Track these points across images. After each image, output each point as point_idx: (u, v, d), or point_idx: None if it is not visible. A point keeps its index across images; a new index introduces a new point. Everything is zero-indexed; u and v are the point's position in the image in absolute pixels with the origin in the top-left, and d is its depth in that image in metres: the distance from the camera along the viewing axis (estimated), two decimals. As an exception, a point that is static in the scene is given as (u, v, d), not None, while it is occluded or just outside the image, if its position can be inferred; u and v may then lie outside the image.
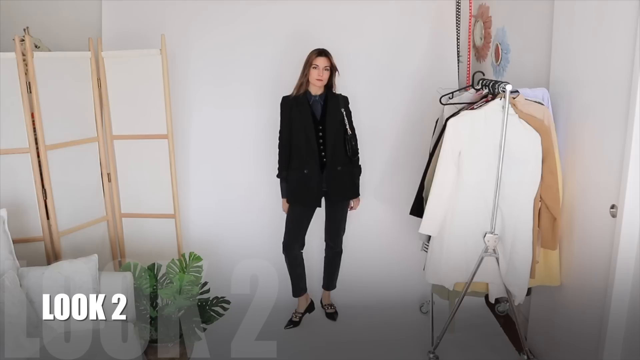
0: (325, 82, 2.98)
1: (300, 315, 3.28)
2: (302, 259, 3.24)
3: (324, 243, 3.29)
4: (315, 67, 2.94)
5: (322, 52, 2.95)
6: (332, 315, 3.31)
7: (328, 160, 3.02)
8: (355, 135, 3.08)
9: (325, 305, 3.38)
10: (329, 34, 3.35)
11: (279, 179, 3.13)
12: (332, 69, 3.00)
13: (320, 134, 3.03)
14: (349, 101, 3.11)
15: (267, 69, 3.46)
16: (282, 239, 3.18)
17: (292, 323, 3.25)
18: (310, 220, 3.16)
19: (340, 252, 3.31)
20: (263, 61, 3.46)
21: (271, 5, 3.43)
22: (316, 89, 3.03)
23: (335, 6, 3.44)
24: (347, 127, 3.05)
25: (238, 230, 3.60)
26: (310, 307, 3.33)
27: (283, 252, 3.19)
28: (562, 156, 2.46)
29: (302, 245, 3.22)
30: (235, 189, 3.58)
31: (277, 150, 3.10)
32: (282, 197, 3.15)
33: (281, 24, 3.44)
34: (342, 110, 3.05)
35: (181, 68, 3.44)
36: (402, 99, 3.51)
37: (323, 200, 3.11)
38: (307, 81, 2.98)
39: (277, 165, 3.11)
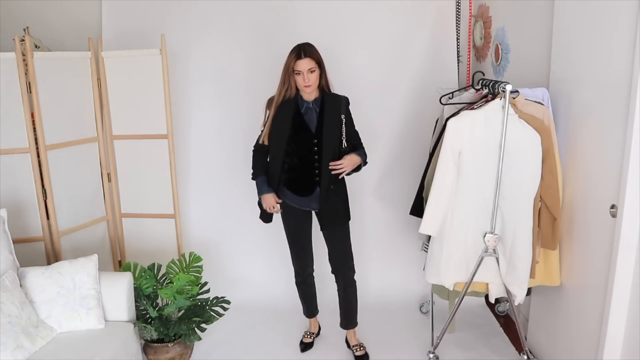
0: (315, 85, 2.52)
1: (313, 335, 3.07)
2: (313, 282, 2.96)
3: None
4: (298, 73, 2.48)
5: (301, 53, 2.46)
6: (363, 358, 2.87)
7: (322, 180, 2.59)
8: (358, 137, 2.73)
9: (352, 346, 2.93)
10: (329, 34, 3.35)
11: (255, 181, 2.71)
12: (320, 67, 2.52)
13: (316, 148, 2.57)
14: (349, 102, 2.70)
15: (267, 69, 3.46)
16: (282, 239, 3.17)
17: (305, 345, 3.02)
18: (306, 239, 2.80)
19: (353, 282, 2.83)
20: (263, 60, 3.46)
21: (271, 5, 3.43)
22: (308, 94, 2.58)
23: (335, 6, 3.44)
24: (344, 137, 2.61)
25: (238, 230, 3.61)
26: (317, 332, 3.12)
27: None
28: (562, 156, 2.46)
29: (311, 267, 2.91)
30: (235, 189, 3.58)
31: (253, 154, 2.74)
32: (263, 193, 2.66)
33: (281, 23, 3.44)
34: (342, 116, 2.60)
35: (181, 68, 3.45)
36: (402, 99, 3.51)
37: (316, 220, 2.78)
38: (294, 87, 2.55)
39: (252, 170, 2.72)
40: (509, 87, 2.37)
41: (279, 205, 2.67)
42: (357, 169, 2.66)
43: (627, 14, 1.95)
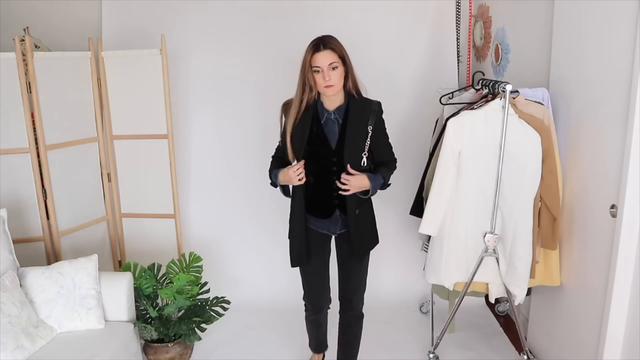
0: (339, 86, 2.09)
1: None
2: (326, 318, 2.57)
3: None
4: (317, 71, 2.05)
5: (320, 45, 2.04)
6: None
7: (349, 205, 2.21)
8: (388, 151, 2.30)
9: None
10: (328, 33, 3.34)
11: (275, 186, 2.32)
12: (345, 64, 2.08)
13: (335, 168, 2.16)
14: (382, 108, 2.23)
15: (267, 68, 3.46)
16: (282, 239, 3.14)
17: None
18: (324, 272, 2.42)
19: (361, 315, 2.47)
20: (264, 60, 3.47)
21: (271, 5, 3.43)
22: (330, 100, 2.16)
23: (336, 6, 3.44)
24: (365, 153, 2.15)
25: (238, 230, 3.61)
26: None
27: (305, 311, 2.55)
28: (562, 156, 2.46)
29: (326, 303, 2.52)
30: (235, 189, 3.58)
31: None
32: (278, 182, 2.24)
33: (280, 23, 3.44)
34: (369, 127, 2.13)
35: (181, 68, 3.45)
36: (402, 99, 3.51)
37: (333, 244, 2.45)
38: (315, 89, 2.13)
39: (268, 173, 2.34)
40: (509, 87, 2.37)
41: (301, 170, 2.12)
42: (365, 193, 2.22)
43: (627, 14, 1.95)
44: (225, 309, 2.79)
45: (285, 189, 2.27)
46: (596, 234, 2.23)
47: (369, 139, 2.15)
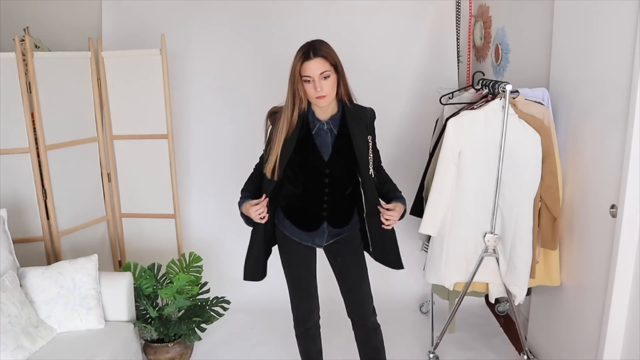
0: (332, 96, 1.94)
1: None
2: (318, 333, 2.41)
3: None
4: (308, 81, 1.89)
5: (310, 53, 1.87)
6: None
7: (330, 219, 2.12)
8: (379, 158, 2.20)
9: None
10: (329, 34, 3.30)
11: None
12: (337, 72, 1.93)
13: (326, 180, 2.04)
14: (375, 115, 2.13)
15: (268, 68, 3.46)
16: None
17: None
18: (310, 276, 2.29)
19: (377, 327, 2.31)
20: (263, 60, 3.47)
21: (271, 5, 3.43)
22: (323, 110, 2.00)
23: (336, 6, 3.44)
24: (371, 164, 2.05)
25: (238, 230, 3.57)
26: None
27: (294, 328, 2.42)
28: (562, 156, 2.46)
29: (317, 314, 2.36)
30: (235, 189, 3.54)
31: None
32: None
33: (281, 23, 3.44)
34: (369, 137, 2.04)
35: (181, 68, 3.45)
36: (402, 99, 3.51)
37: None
38: (305, 98, 1.97)
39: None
40: (509, 87, 2.37)
41: (262, 210, 2.01)
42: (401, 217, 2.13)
43: (627, 14, 1.95)
44: (225, 309, 2.79)
45: (248, 219, 2.11)
46: (596, 234, 2.23)
47: (370, 149, 2.05)
